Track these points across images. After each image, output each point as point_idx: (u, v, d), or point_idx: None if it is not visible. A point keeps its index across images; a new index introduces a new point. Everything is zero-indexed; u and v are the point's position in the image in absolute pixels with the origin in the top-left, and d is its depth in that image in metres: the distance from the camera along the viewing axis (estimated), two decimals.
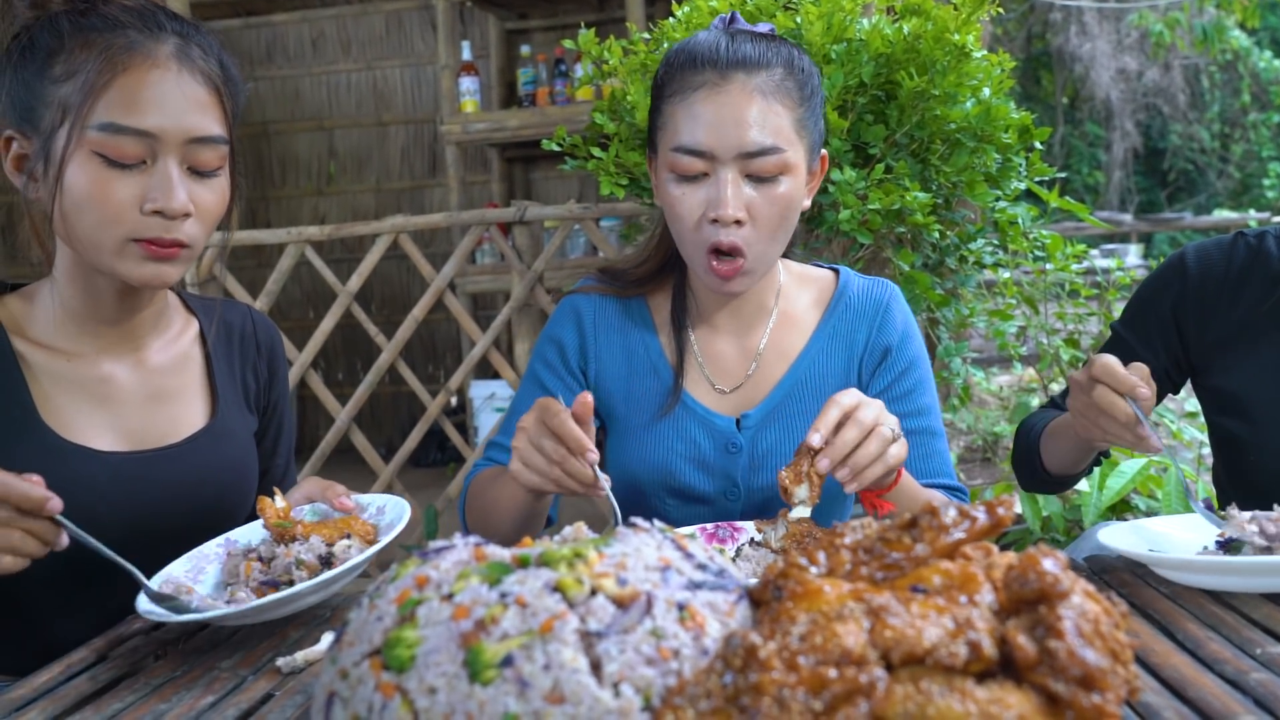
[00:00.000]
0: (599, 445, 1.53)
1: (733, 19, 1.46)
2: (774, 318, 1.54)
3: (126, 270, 1.23)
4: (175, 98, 1.21)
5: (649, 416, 1.53)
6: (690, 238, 1.40)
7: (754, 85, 1.35)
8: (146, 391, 1.37)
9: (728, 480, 1.50)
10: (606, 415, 1.57)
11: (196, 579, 1.20)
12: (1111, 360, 1.24)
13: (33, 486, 1.05)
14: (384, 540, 1.18)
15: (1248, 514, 1.12)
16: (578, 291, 1.60)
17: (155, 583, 1.16)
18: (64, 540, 1.08)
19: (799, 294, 1.57)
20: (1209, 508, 1.21)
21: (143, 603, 1.11)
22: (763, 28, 1.45)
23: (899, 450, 1.23)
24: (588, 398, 1.22)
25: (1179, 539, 1.21)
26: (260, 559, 1.21)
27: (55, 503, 1.06)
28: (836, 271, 1.60)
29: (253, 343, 1.51)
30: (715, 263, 1.39)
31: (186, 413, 1.40)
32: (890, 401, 1.51)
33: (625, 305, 1.58)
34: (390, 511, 1.26)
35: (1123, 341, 1.55)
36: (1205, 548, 1.18)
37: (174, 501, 1.33)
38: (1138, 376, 1.24)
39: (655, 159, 1.45)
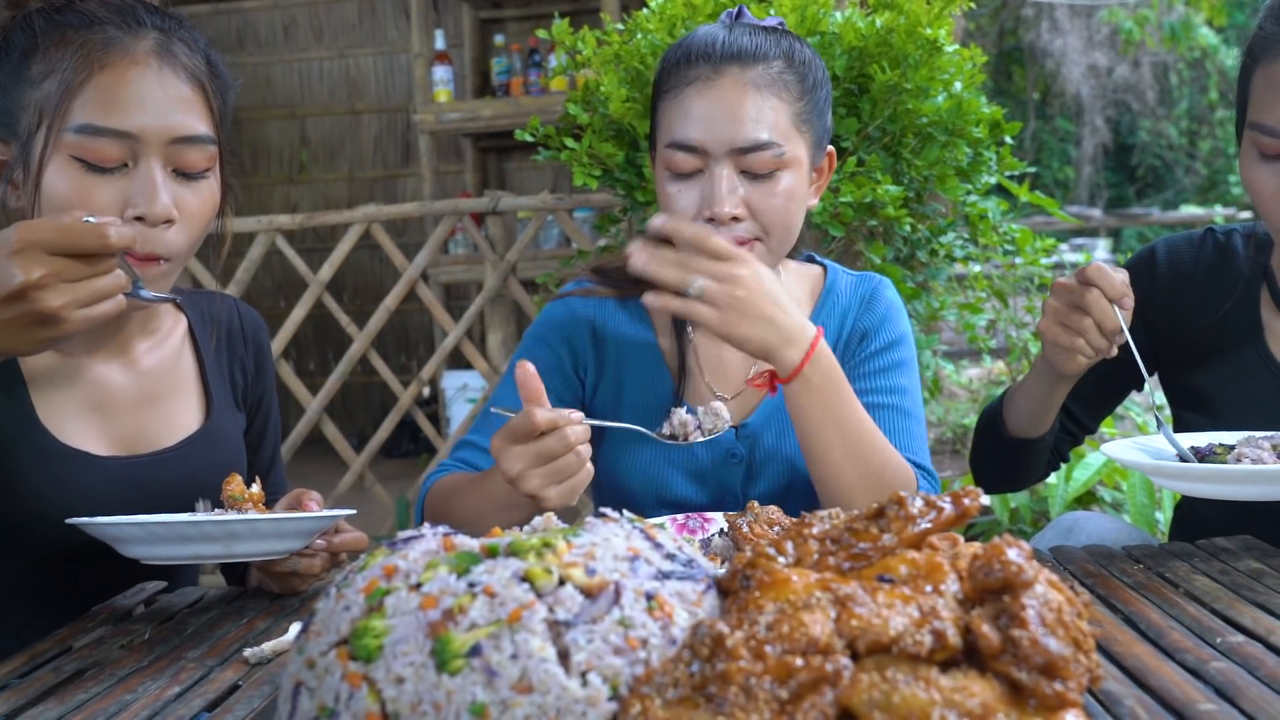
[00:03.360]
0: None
1: (739, 13, 1.43)
2: None
3: None
4: (156, 96, 1.15)
5: (646, 423, 1.45)
6: None
7: (748, 78, 1.32)
8: (139, 394, 1.34)
9: (724, 490, 1.46)
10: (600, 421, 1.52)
11: None
12: (1104, 264, 1.25)
13: (83, 224, 0.95)
14: (315, 514, 1.14)
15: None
16: (573, 294, 1.52)
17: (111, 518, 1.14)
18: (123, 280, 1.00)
19: (793, 291, 1.52)
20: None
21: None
22: (770, 21, 1.41)
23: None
24: (529, 367, 1.14)
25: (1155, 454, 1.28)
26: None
27: (118, 231, 0.96)
28: (825, 267, 1.56)
29: (240, 338, 1.48)
30: None
31: (180, 414, 1.37)
32: (864, 376, 1.46)
33: (623, 307, 1.51)
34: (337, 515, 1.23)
35: None
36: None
37: (169, 505, 1.30)
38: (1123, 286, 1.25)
39: (655, 158, 1.42)
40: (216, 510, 1.23)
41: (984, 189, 2.37)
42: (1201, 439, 1.31)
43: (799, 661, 0.60)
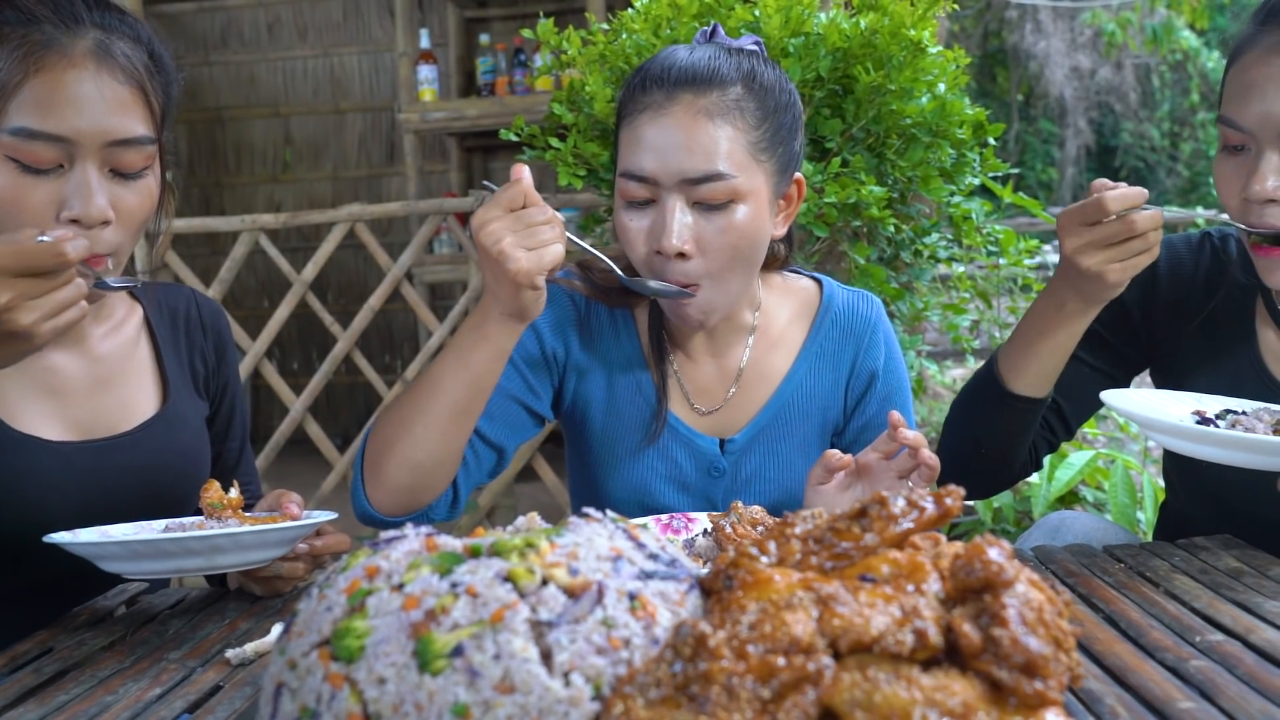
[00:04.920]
0: (552, 447, 1.51)
1: (713, 32, 1.38)
2: (753, 336, 1.47)
3: None
4: (93, 99, 1.15)
5: (630, 434, 1.46)
6: (641, 267, 1.34)
7: (701, 106, 1.27)
8: (94, 380, 1.34)
9: (707, 502, 1.47)
10: (581, 426, 1.50)
11: None
12: (1112, 193, 1.21)
13: (38, 244, 0.98)
14: (298, 523, 1.13)
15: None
16: (559, 282, 1.48)
17: (91, 535, 1.14)
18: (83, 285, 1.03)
19: (779, 309, 1.50)
20: None
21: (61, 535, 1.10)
22: (744, 41, 1.37)
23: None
24: (523, 168, 1.20)
25: (1164, 410, 1.27)
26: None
27: (74, 246, 0.99)
28: (819, 282, 1.53)
29: (199, 327, 1.49)
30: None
31: (136, 400, 1.38)
32: (875, 429, 1.48)
33: (611, 312, 1.48)
34: (319, 517, 1.21)
35: (1091, 329, 1.54)
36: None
37: (128, 490, 1.31)
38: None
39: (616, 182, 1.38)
40: (197, 520, 1.22)
41: (967, 190, 2.38)
42: (1216, 403, 1.30)
43: (781, 661, 0.60)
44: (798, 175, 1.39)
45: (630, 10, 2.30)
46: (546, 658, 0.63)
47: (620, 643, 0.64)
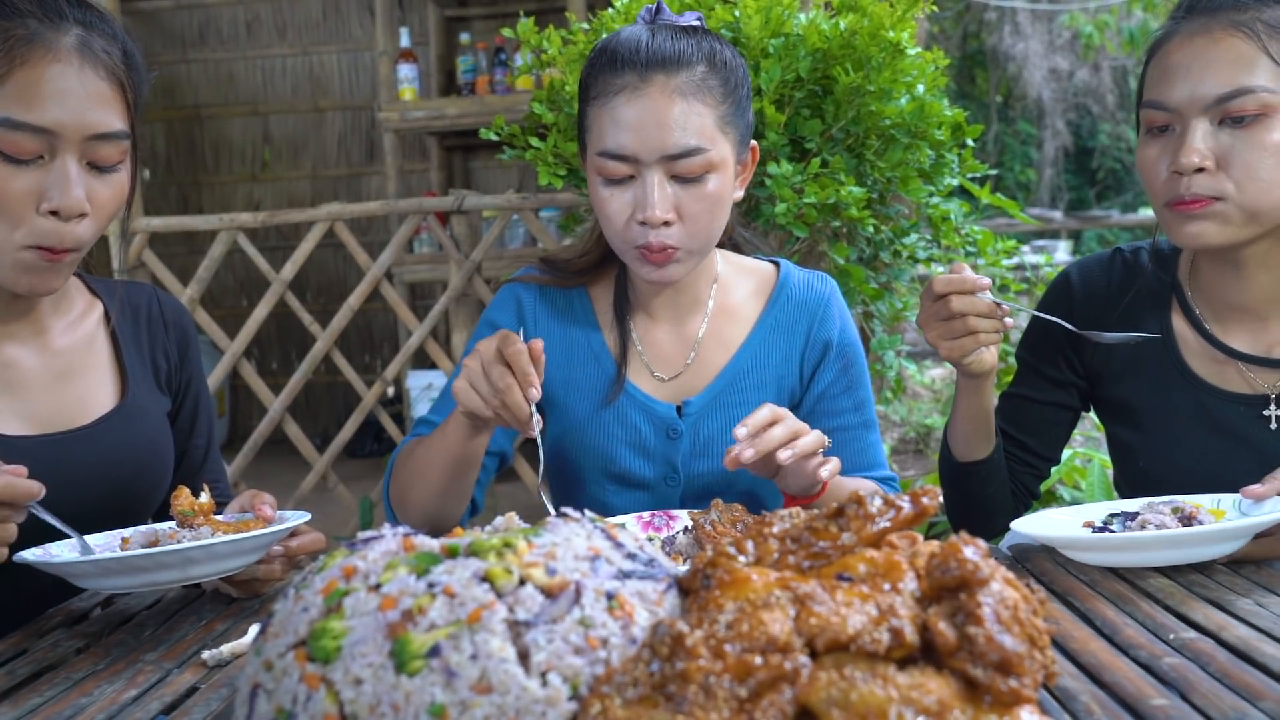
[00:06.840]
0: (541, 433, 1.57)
1: (659, 9, 1.46)
2: (711, 307, 1.56)
3: (14, 280, 1.20)
4: (76, 93, 1.17)
5: (591, 404, 1.54)
6: (620, 237, 1.42)
7: (674, 86, 1.36)
8: (52, 374, 1.34)
9: (668, 466, 1.52)
10: (547, 403, 1.58)
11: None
12: (943, 276, 1.31)
13: (19, 479, 1.04)
14: (272, 528, 1.14)
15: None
16: (518, 280, 1.60)
17: (64, 554, 1.14)
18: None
19: (738, 285, 1.59)
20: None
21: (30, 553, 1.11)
22: (688, 18, 1.44)
23: (813, 442, 1.26)
24: (539, 344, 1.26)
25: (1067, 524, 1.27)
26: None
27: (40, 489, 1.05)
28: (776, 264, 1.62)
29: (160, 323, 1.49)
30: (646, 253, 1.40)
31: (95, 394, 1.38)
32: (831, 398, 1.55)
33: (566, 295, 1.58)
34: (292, 520, 1.22)
35: (1028, 366, 1.58)
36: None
37: (88, 484, 1.31)
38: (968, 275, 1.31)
39: (585, 159, 1.46)
40: (169, 526, 1.22)
41: (946, 191, 2.39)
42: (1100, 509, 1.29)
43: (758, 660, 0.60)
44: (753, 143, 1.50)
45: (611, 9, 2.30)
46: (524, 658, 0.63)
47: (598, 642, 0.64)
